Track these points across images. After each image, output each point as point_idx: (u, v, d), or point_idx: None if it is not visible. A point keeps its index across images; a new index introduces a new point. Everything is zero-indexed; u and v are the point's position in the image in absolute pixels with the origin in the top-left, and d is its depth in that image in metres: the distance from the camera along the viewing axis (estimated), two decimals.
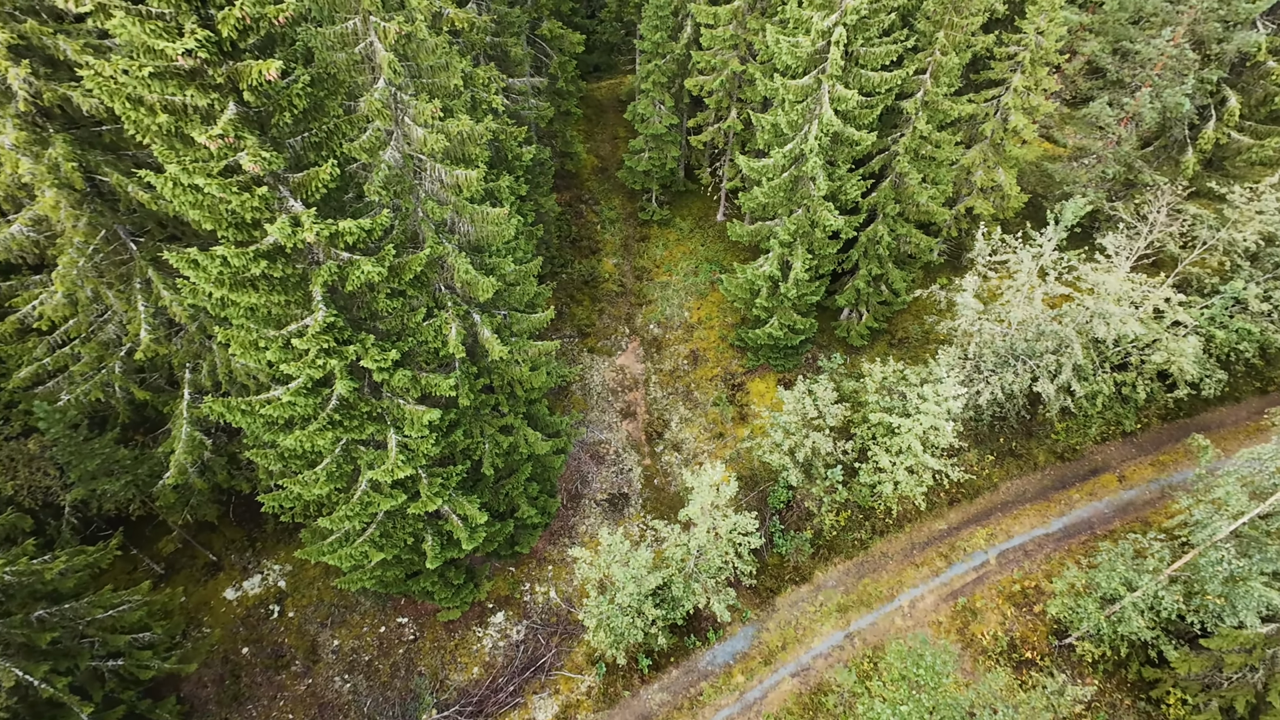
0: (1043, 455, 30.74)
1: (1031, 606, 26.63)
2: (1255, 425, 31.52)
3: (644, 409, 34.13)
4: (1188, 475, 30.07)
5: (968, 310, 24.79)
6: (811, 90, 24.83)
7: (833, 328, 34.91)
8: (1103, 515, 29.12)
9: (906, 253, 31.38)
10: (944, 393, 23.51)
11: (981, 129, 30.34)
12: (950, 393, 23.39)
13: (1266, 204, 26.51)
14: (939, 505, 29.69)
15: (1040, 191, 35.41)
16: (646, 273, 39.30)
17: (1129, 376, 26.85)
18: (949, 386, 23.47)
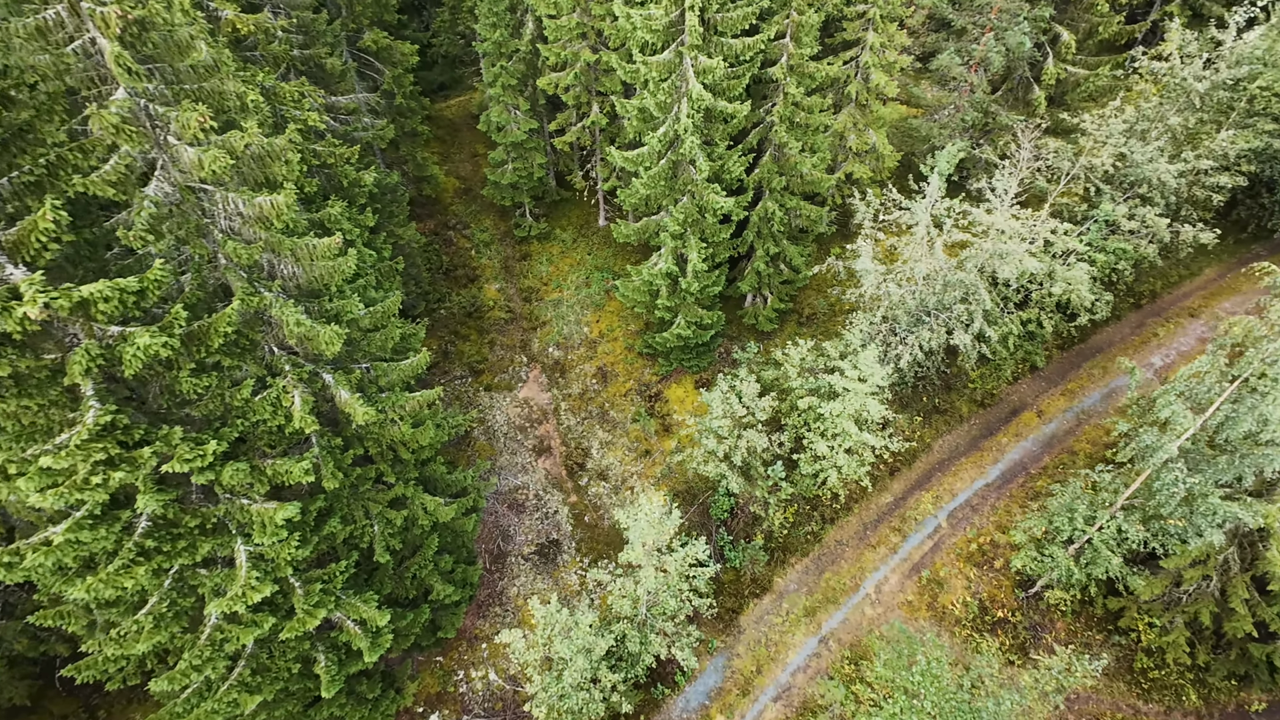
0: (965, 406, 30.51)
1: (991, 563, 25.88)
2: (1139, 339, 33.09)
3: (559, 441, 30.77)
4: (1094, 399, 30.96)
5: (870, 275, 23.63)
6: (674, 66, 22.81)
7: (740, 316, 33.28)
8: (1032, 454, 29.15)
9: (799, 227, 30.25)
10: (866, 366, 22.09)
11: (847, 91, 29.82)
12: (874, 366, 21.99)
13: (1114, 127, 27.53)
14: (882, 478, 28.55)
15: (910, 150, 35.77)
16: (534, 293, 36.01)
17: (1032, 313, 26.89)
18: (870, 358, 22.07)
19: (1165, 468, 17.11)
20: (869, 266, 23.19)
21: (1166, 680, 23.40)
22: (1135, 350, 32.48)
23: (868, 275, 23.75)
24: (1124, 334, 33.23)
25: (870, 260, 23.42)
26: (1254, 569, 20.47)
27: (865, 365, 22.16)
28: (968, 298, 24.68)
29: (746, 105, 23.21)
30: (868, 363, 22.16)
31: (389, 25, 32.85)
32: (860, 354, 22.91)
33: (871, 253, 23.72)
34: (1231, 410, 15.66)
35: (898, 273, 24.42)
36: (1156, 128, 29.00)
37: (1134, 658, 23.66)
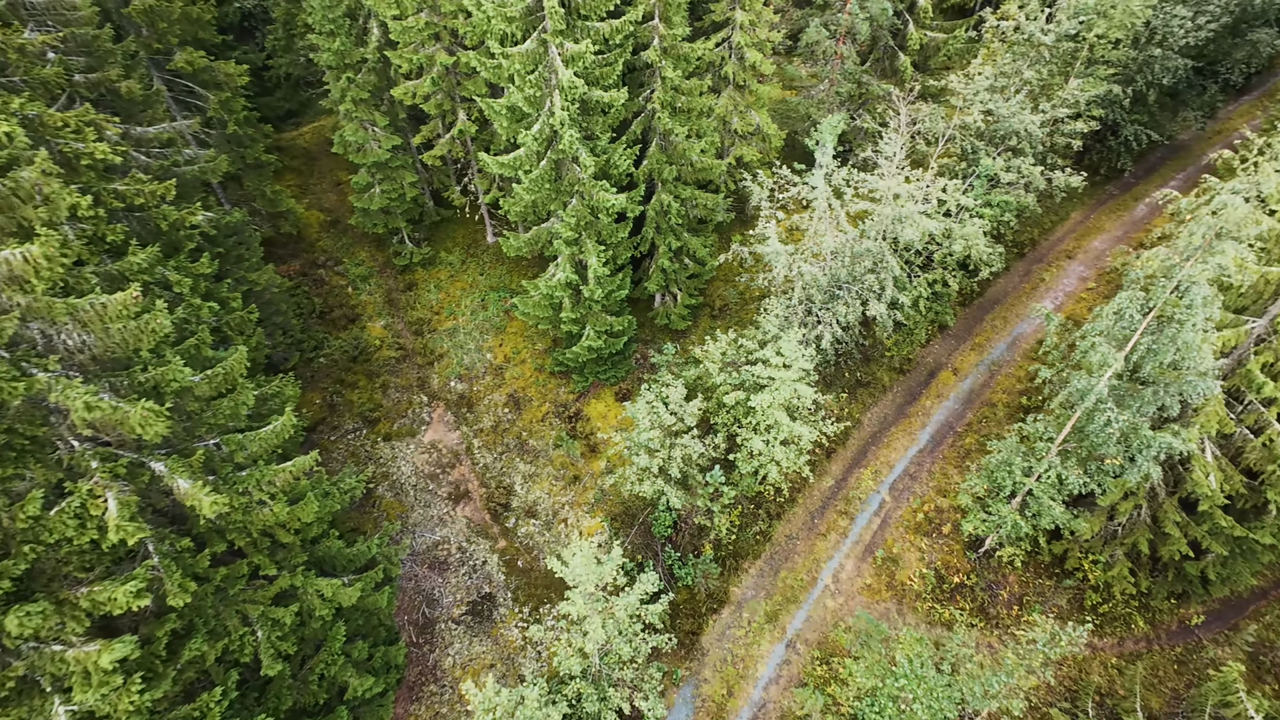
0: (886, 375, 30.35)
1: (939, 529, 25.54)
2: (1028, 286, 34.39)
3: (477, 483, 27.77)
4: (1001, 349, 31.73)
5: (780, 256, 22.57)
6: (539, 56, 20.72)
7: (651, 318, 31.63)
8: (955, 412, 29.33)
9: (697, 218, 28.99)
10: (790, 351, 20.95)
11: (723, 73, 28.91)
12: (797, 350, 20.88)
13: (979, 84, 28.20)
14: (820, 462, 27.70)
15: (793, 129, 35.59)
16: (426, 324, 32.71)
17: (937, 274, 26.94)
18: (793, 343, 20.96)
19: (1097, 409, 16.92)
20: (777, 248, 22.11)
21: (1115, 612, 23.80)
22: (1027, 297, 33.71)
23: (777, 257, 22.66)
24: (1015, 283, 34.46)
25: (777, 241, 22.33)
26: (1179, 492, 20.99)
27: (789, 350, 20.98)
28: (876, 267, 24.20)
29: (623, 93, 21.50)
30: (791, 347, 21.01)
31: (209, 45, 28.63)
32: (783, 339, 21.77)
33: (774, 233, 22.64)
34: (1153, 342, 15.58)
35: (806, 250, 23.54)
36: (1014, 83, 30.09)
37: (1084, 596, 23.92)
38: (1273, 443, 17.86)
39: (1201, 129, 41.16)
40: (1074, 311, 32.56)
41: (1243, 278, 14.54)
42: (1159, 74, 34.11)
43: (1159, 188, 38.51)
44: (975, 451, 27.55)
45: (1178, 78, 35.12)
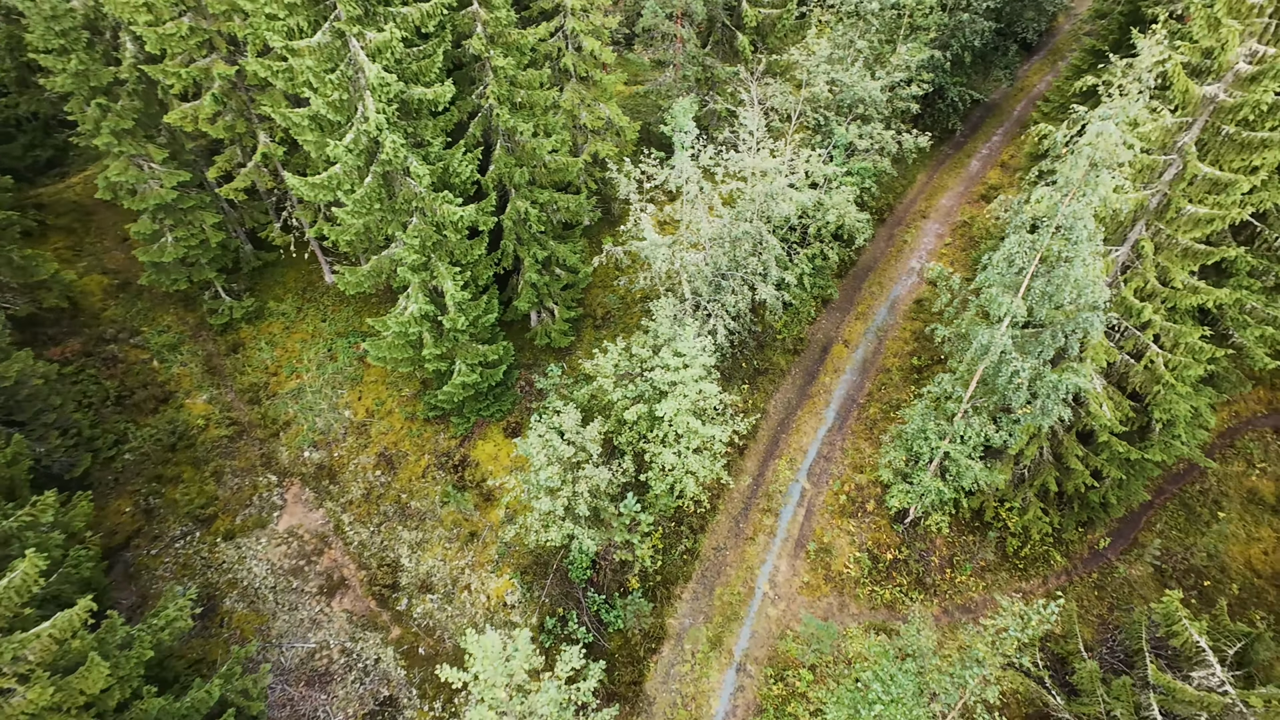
0: (782, 359, 29.46)
1: (864, 508, 24.76)
2: (894, 249, 35.17)
3: (354, 566, 23.32)
4: (883, 314, 32.00)
5: (659, 249, 20.57)
6: (337, 51, 17.18)
7: (529, 340, 28.62)
8: (854, 384, 28.97)
9: (562, 222, 26.42)
10: (688, 349, 18.98)
11: (563, 65, 26.58)
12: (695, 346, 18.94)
13: (820, 54, 28.06)
14: (734, 461, 26.10)
15: (646, 120, 34.05)
16: (263, 389, 27.48)
17: (815, 248, 26.27)
18: (691, 339, 19.00)
19: (1003, 361, 16.36)
20: (654, 239, 20.05)
21: (1035, 553, 24.13)
22: (895, 260, 34.46)
23: (656, 251, 20.60)
24: (881, 249, 35.15)
25: (654, 233, 20.27)
26: (1075, 426, 21.38)
27: (686, 348, 18.98)
28: (757, 249, 22.89)
29: (448, 87, 18.46)
30: (688, 345, 19.01)
31: None
32: (678, 338, 19.74)
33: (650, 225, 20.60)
34: (1046, 284, 15.13)
35: (683, 240, 21.71)
36: (850, 53, 30.44)
37: (1006, 544, 24.05)
38: (1154, 364, 18.29)
39: (1009, 87, 44.90)
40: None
41: (1120, 206, 14.43)
42: (969, 36, 36.29)
43: (984, 144, 41.32)
44: (881, 420, 27.22)
45: (985, 40, 37.63)
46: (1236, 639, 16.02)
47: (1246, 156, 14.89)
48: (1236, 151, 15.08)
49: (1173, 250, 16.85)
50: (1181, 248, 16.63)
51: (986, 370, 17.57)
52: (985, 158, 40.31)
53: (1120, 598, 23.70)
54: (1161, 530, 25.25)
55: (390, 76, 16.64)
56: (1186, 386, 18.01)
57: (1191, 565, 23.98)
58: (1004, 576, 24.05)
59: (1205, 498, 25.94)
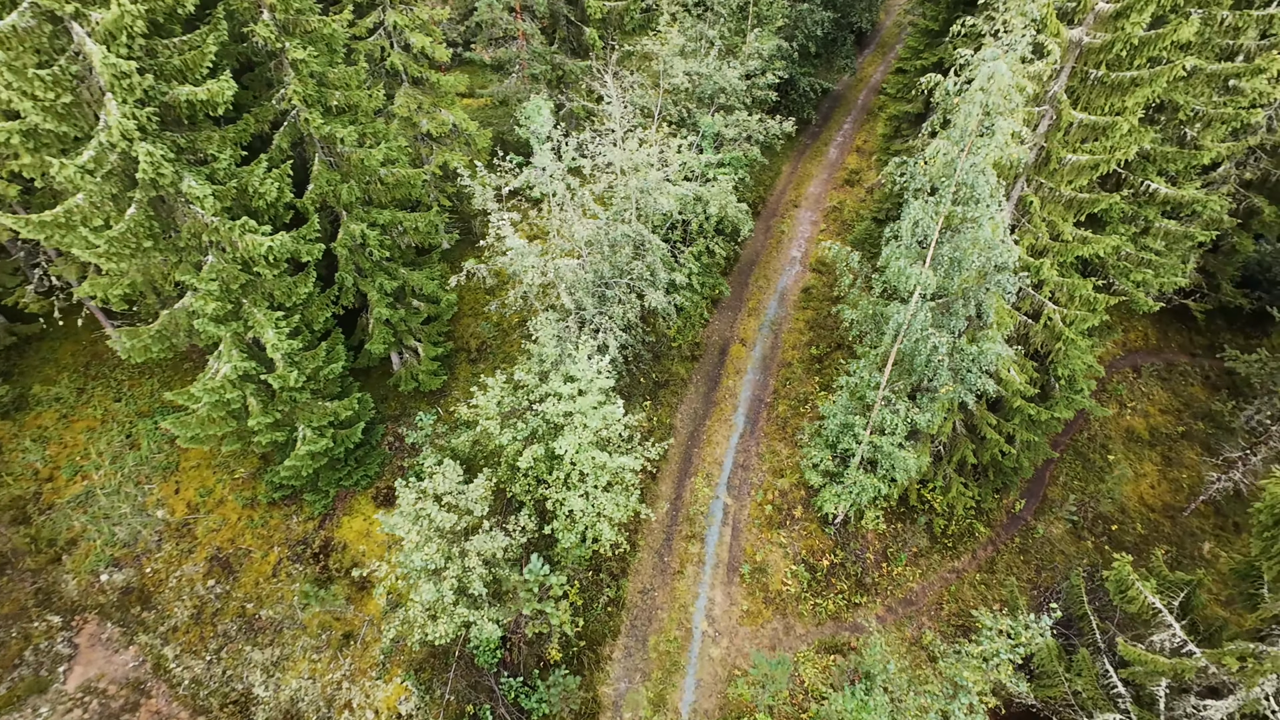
0: (681, 367, 27.36)
1: (791, 515, 22.99)
2: (774, 241, 34.52)
3: (187, 714, 17.88)
4: (774, 308, 30.90)
5: (528, 258, 17.57)
6: (48, 36, 12.63)
7: (394, 386, 24.36)
8: (759, 383, 27.45)
9: (412, 245, 22.62)
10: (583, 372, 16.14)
11: (390, 63, 22.92)
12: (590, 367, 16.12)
13: (673, 45, 26.55)
14: (647, 487, 23.46)
15: (497, 128, 30.90)
16: (35, 501, 21.04)
17: (700, 245, 24.40)
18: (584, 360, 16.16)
19: (921, 338, 15.01)
20: (519, 246, 17.02)
21: (961, 528, 23.58)
22: (776, 251, 33.78)
23: (524, 260, 17.57)
24: (761, 241, 34.38)
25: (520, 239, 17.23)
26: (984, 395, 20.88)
27: (580, 371, 16.09)
28: (640, 251, 20.53)
29: (225, 84, 14.37)
30: (583, 367, 16.14)
31: None
32: (570, 361, 16.82)
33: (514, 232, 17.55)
34: (953, 251, 13.93)
35: (555, 248, 18.84)
36: (702, 45, 29.31)
37: (934, 525, 23.27)
38: (1053, 321, 17.92)
39: (851, 78, 46.69)
40: (819, 255, 33.31)
41: (1017, 155, 13.56)
42: (811, 26, 36.78)
43: (838, 131, 42.30)
44: (792, 418, 25.81)
45: (826, 29, 38.43)
46: (1178, 589, 15.63)
47: (1117, 99, 14.57)
48: (1106, 95, 14.75)
49: (1057, 203, 16.45)
50: (1065, 199, 16.25)
51: (902, 350, 16.22)
52: (841, 145, 41.18)
53: (1044, 557, 23.66)
54: (1065, 483, 25.76)
55: (130, 66, 12.38)
56: (1084, 340, 17.72)
57: (1099, 513, 24.52)
58: (936, 559, 23.24)
59: (1094, 444, 26.90)
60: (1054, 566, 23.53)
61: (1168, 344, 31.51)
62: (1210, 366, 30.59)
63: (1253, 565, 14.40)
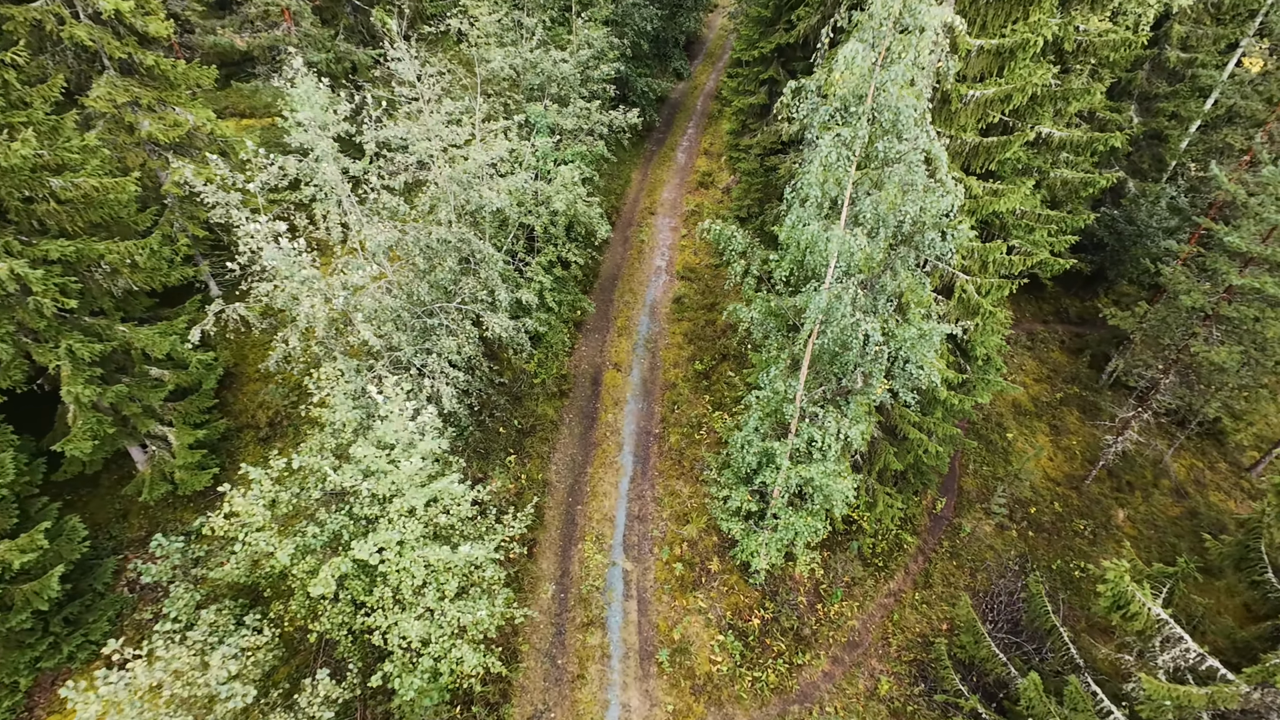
0: (548, 408, 22.39)
1: (706, 569, 18.68)
2: (635, 251, 30.93)
3: None
4: (645, 324, 27.00)
5: (297, 278, 11.89)
6: None
7: (133, 498, 16.89)
8: (643, 412, 23.21)
9: (128, 290, 15.68)
10: (396, 435, 10.72)
11: (71, 36, 16.09)
12: (407, 426, 10.74)
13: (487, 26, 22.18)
14: (522, 569, 18.09)
15: (267, 139, 24.33)
16: None
17: (550, 253, 19.81)
18: (396, 415, 10.75)
19: (851, 328, 11.48)
20: (279, 256, 11.32)
21: (890, 544, 20.76)
22: (639, 261, 30.20)
23: (291, 278, 11.85)
24: (620, 253, 30.66)
25: (279, 248, 11.50)
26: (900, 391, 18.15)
27: (393, 432, 10.65)
28: (470, 263, 15.49)
29: None
30: (396, 428, 10.71)
31: None
32: (379, 420, 11.27)
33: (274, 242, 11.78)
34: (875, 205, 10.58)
35: (343, 269, 13.22)
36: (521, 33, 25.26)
37: (863, 548, 20.18)
38: (966, 294, 15.44)
39: (686, 83, 45.40)
40: (685, 261, 30.23)
41: (944, 66, 10.63)
42: (641, 22, 34.36)
43: (683, 136, 40.19)
44: (688, 447, 21.79)
45: (656, 26, 36.29)
46: (1160, 584, 13.33)
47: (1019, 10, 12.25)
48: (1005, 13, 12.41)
49: (961, 153, 13.96)
50: (970, 147, 13.78)
51: (821, 347, 12.64)
52: (688, 149, 39.05)
53: (975, 557, 21.47)
54: (974, 470, 24.11)
55: None
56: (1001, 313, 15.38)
57: (1016, 498, 22.96)
58: (871, 585, 20.10)
59: (990, 424, 25.73)
60: (986, 566, 21.40)
61: (1022, 314, 31.86)
62: (1063, 331, 31.28)
63: (1248, 547, 12.34)
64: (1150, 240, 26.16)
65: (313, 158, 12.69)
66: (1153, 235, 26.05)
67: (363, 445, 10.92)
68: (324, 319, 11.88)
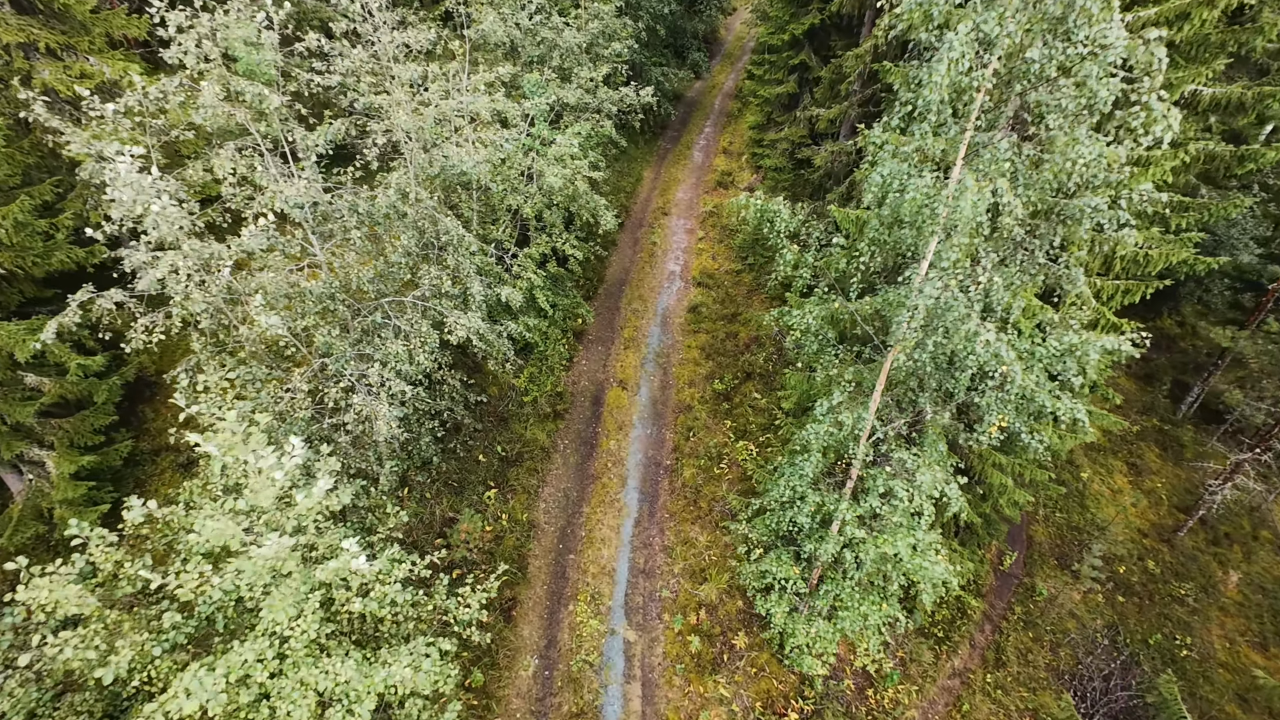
0: (539, 432, 18.71)
1: (730, 645, 14.80)
2: (646, 254, 27.45)
3: None
4: (655, 336, 23.35)
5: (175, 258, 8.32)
6: None
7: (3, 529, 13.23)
8: (651, 439, 19.49)
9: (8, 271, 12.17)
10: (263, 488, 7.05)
11: None
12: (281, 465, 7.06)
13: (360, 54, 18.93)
14: (498, 638, 14.28)
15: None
16: None
17: (542, 244, 16.24)
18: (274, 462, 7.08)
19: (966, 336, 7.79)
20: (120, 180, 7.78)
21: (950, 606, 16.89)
22: (650, 265, 26.68)
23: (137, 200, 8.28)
24: (629, 255, 27.17)
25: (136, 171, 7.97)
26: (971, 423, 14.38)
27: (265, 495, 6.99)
28: (434, 248, 11.92)
29: None
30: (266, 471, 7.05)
31: None
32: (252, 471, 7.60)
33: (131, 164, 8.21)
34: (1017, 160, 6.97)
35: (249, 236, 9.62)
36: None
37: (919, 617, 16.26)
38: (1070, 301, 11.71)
39: (703, 84, 42.56)
40: (702, 265, 26.68)
41: None
42: (657, 4, 31.34)
43: (699, 134, 37.04)
44: (706, 483, 18.02)
45: (673, 8, 33.31)
46: None
47: None
48: None
49: None
50: None
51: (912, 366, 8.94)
52: (705, 148, 35.74)
53: (1056, 627, 17.50)
54: (1045, 517, 20.23)
55: None
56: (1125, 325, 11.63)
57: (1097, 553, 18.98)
58: (929, 661, 16.17)
59: (1059, 462, 21.84)
60: (1070, 639, 17.42)
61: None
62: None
63: None
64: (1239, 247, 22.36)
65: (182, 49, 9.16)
66: (1241, 243, 22.27)
67: (213, 516, 7.25)
68: (200, 298, 8.29)
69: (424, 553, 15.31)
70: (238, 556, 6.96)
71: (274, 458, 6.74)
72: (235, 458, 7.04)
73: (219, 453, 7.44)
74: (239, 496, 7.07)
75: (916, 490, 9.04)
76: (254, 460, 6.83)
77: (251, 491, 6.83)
